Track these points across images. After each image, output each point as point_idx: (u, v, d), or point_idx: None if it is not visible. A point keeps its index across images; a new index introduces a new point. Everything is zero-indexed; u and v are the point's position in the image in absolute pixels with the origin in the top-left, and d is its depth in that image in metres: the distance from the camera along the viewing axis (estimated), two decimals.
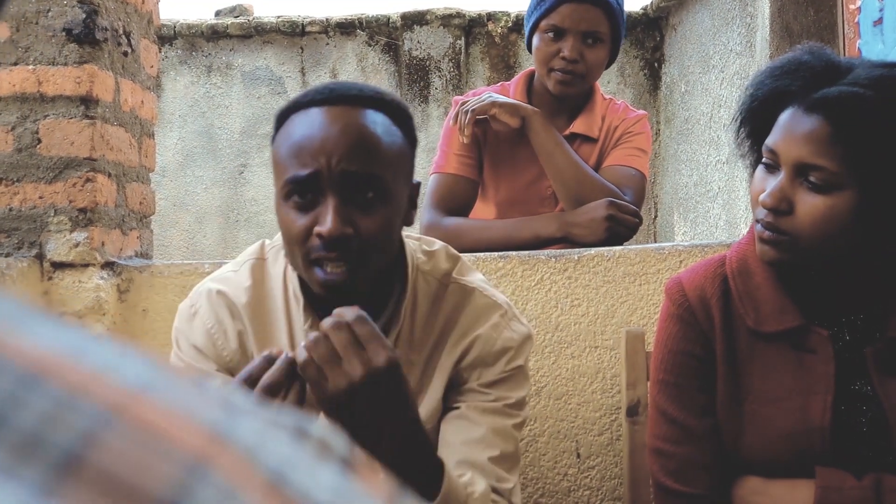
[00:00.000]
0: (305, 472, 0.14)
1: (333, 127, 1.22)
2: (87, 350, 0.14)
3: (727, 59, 4.22)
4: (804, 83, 1.30)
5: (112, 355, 0.15)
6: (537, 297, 1.92)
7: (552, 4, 2.17)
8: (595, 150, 2.29)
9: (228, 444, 0.15)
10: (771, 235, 1.32)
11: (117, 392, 0.14)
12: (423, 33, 5.28)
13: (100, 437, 0.13)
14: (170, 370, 0.15)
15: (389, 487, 0.17)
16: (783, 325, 1.37)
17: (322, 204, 1.22)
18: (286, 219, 1.24)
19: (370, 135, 1.23)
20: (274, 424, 0.16)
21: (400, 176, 1.27)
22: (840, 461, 1.34)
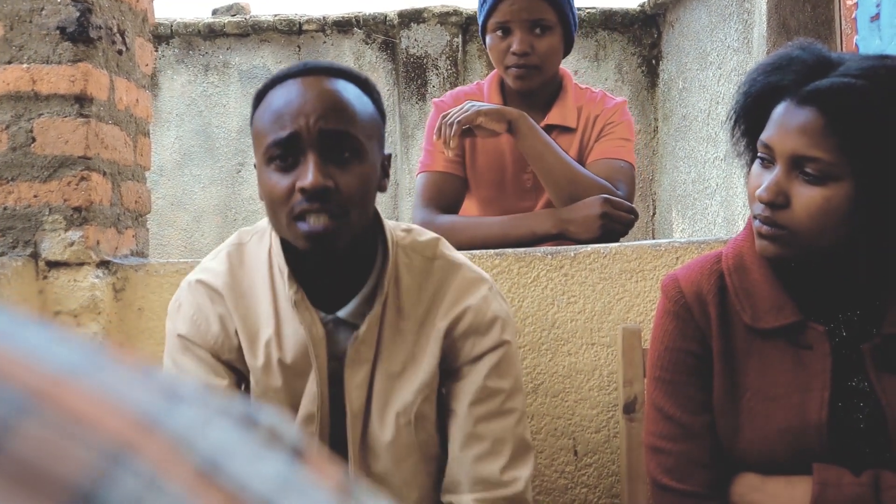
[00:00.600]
0: (245, 461, 0.14)
1: (310, 92, 1.34)
2: (15, 334, 0.14)
3: (724, 56, 4.22)
4: (796, 77, 1.30)
5: (43, 340, 0.14)
6: (533, 295, 1.92)
7: (493, 3, 2.19)
8: (575, 141, 2.28)
9: (158, 432, 0.14)
10: (769, 230, 1.31)
11: (41, 377, 0.14)
12: (421, 31, 5.28)
13: (16, 424, 0.13)
14: (107, 356, 0.15)
15: (340, 477, 0.16)
16: (780, 322, 1.37)
17: (302, 163, 1.32)
18: (269, 182, 1.35)
19: (344, 98, 1.35)
20: (219, 413, 0.15)
21: (373, 140, 1.38)
22: (838, 458, 1.33)
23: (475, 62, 5.36)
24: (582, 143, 2.29)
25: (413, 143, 5.21)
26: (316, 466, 0.15)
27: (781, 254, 1.33)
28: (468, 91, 2.35)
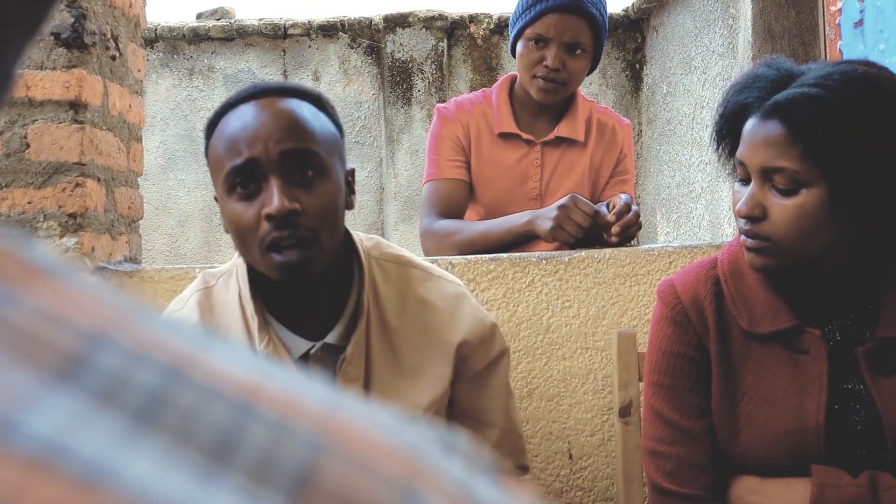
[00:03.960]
0: (485, 489, 0.15)
1: (264, 114, 1.28)
2: (272, 373, 0.15)
3: (709, 61, 4.24)
4: (760, 93, 1.35)
5: (293, 377, 0.15)
6: (528, 299, 1.93)
7: (537, 14, 2.21)
8: (585, 155, 2.31)
9: (437, 475, 0.15)
10: (753, 243, 1.35)
11: (320, 415, 0.14)
12: (406, 35, 5.28)
13: (320, 461, 0.14)
14: (342, 393, 0.16)
15: (536, 499, 0.17)
16: (776, 327, 1.39)
17: (265, 189, 1.26)
18: (233, 213, 1.29)
19: (300, 116, 1.30)
20: (427, 440, 0.16)
21: (335, 156, 1.33)
22: (835, 460, 1.35)
23: (460, 66, 5.37)
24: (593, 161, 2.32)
25: (398, 148, 5.21)
26: (515, 489, 0.16)
27: (769, 264, 1.36)
28: (473, 99, 2.36)
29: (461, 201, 2.27)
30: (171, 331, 0.14)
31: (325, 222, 1.29)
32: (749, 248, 1.37)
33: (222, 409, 0.13)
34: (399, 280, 1.44)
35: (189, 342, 0.14)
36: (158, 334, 0.14)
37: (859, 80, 1.30)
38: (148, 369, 0.13)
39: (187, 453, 0.12)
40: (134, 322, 0.14)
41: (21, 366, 0.12)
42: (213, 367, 0.14)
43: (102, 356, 0.13)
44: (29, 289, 0.13)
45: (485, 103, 2.34)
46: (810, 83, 1.31)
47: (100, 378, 0.12)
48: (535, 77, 2.22)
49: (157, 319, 0.14)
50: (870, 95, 1.29)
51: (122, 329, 0.13)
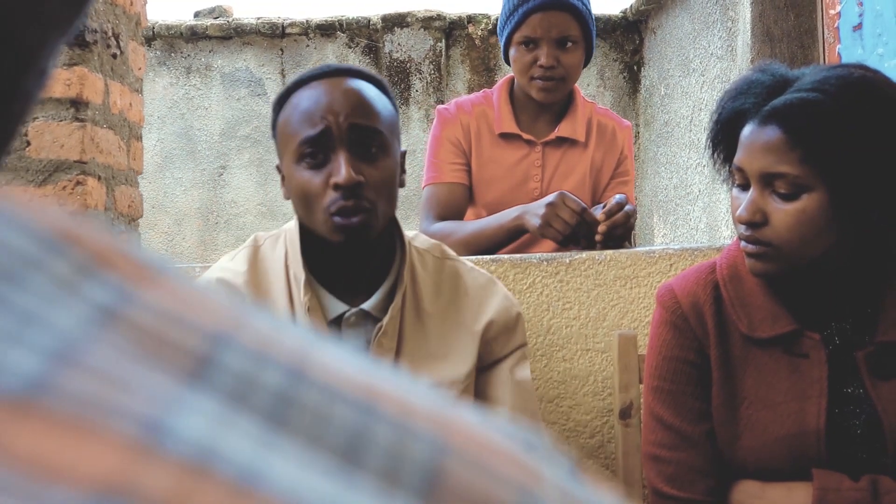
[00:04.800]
0: (581, 489, 0.15)
1: (337, 91, 1.40)
2: (384, 372, 0.15)
3: (708, 63, 4.25)
4: (757, 99, 1.35)
5: (401, 377, 0.15)
6: (529, 301, 1.93)
7: (522, 17, 2.22)
8: (587, 155, 2.32)
9: (534, 466, 0.15)
10: (754, 248, 1.35)
11: (437, 416, 0.14)
12: (404, 35, 5.29)
13: (444, 462, 0.13)
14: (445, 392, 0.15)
15: (616, 496, 0.17)
16: (776, 331, 1.39)
17: (333, 160, 1.38)
18: (302, 179, 1.40)
19: (368, 97, 1.42)
20: (525, 440, 0.16)
21: (394, 136, 1.45)
22: (835, 464, 1.36)
23: (458, 67, 5.37)
24: (594, 162, 2.33)
25: None
26: (596, 486, 0.16)
27: (770, 270, 1.36)
28: (474, 100, 2.37)
29: (460, 205, 2.28)
30: (284, 329, 0.14)
31: (384, 194, 1.41)
32: (750, 253, 1.37)
33: (346, 409, 0.13)
34: (435, 270, 1.54)
35: (303, 340, 0.14)
36: (273, 333, 0.14)
37: (856, 84, 1.31)
38: (272, 369, 0.13)
39: (321, 455, 0.12)
40: (249, 321, 0.14)
41: (154, 367, 0.12)
42: (330, 365, 0.14)
43: (228, 356, 0.13)
44: (145, 287, 0.13)
45: (485, 104, 2.35)
46: (807, 88, 1.31)
47: (229, 379, 0.12)
48: (533, 79, 2.23)
49: (270, 318, 0.14)
50: (867, 99, 1.30)
51: (241, 328, 0.13)
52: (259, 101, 5.43)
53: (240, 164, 5.43)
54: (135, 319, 0.12)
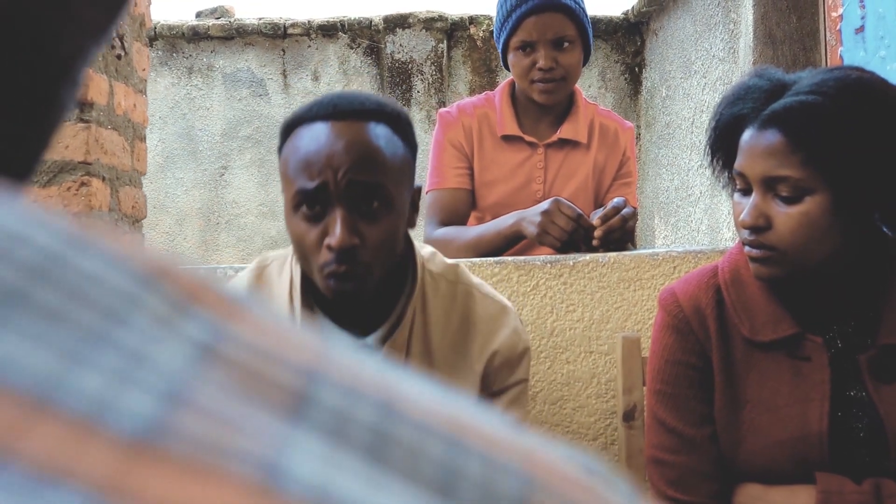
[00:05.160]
0: None
1: (339, 142, 1.29)
2: (466, 405, 0.15)
3: (709, 65, 4.25)
4: (755, 104, 1.36)
5: (483, 410, 0.15)
6: (533, 303, 1.94)
7: (516, 22, 2.23)
8: (589, 157, 2.33)
9: (609, 497, 0.15)
10: (759, 253, 1.35)
11: (522, 449, 0.14)
12: (406, 36, 5.29)
13: (533, 497, 0.14)
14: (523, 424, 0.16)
15: None
16: (778, 335, 1.40)
17: (330, 215, 1.30)
18: (297, 230, 1.33)
19: (374, 148, 1.30)
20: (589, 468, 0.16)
21: (403, 184, 1.35)
22: (838, 467, 1.36)
23: (460, 68, 5.37)
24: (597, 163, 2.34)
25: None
26: None
27: (775, 274, 1.36)
28: (476, 102, 2.37)
29: (463, 210, 2.29)
30: (366, 362, 0.14)
31: (382, 255, 1.33)
32: (754, 258, 1.37)
33: (437, 443, 0.13)
34: (448, 296, 1.47)
35: (385, 372, 0.14)
36: (357, 366, 0.14)
37: (854, 86, 1.31)
38: (364, 404, 0.13)
39: (419, 491, 0.13)
40: (334, 354, 0.14)
41: (257, 405, 0.12)
42: (416, 398, 0.14)
43: (323, 392, 0.13)
44: (235, 323, 0.13)
45: (487, 106, 2.35)
46: (806, 91, 1.31)
47: (326, 416, 0.12)
48: (533, 82, 2.24)
49: (350, 350, 0.14)
50: (865, 100, 1.30)
51: (329, 363, 0.13)
52: (260, 101, 5.43)
53: (241, 164, 5.43)
54: (231, 356, 0.12)
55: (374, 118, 1.33)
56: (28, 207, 0.13)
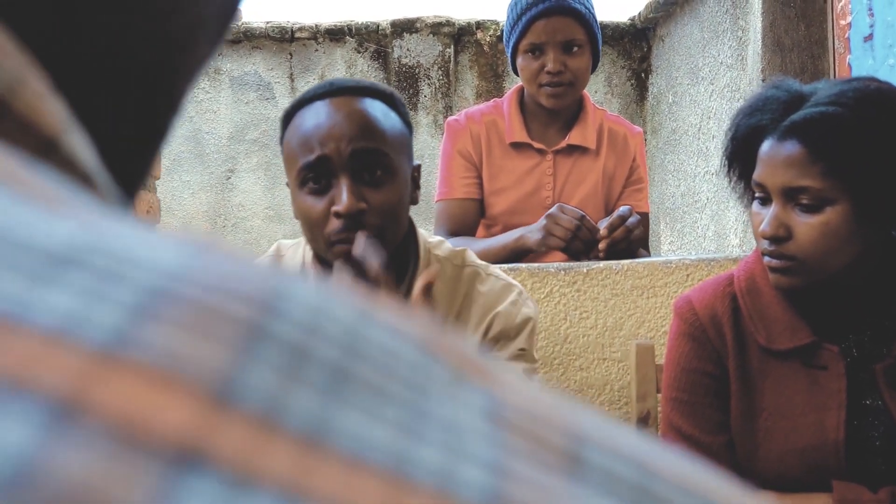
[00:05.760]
0: None
1: (338, 114, 1.34)
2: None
3: (717, 72, 4.26)
4: (774, 115, 1.37)
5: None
6: (546, 310, 1.94)
7: (526, 24, 2.23)
8: (598, 163, 2.33)
9: None
10: (779, 263, 1.36)
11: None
12: (413, 41, 5.30)
13: None
14: None
15: None
16: (795, 343, 1.40)
17: (335, 186, 1.34)
18: (304, 205, 1.36)
19: (372, 117, 1.35)
20: None
21: (402, 155, 1.39)
22: (854, 475, 1.36)
23: (467, 73, 5.38)
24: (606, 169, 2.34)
25: None
26: None
27: (795, 284, 1.37)
28: (484, 109, 2.38)
29: (471, 220, 2.29)
30: (614, 429, 0.14)
31: (390, 219, 1.36)
32: (774, 268, 1.37)
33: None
34: (453, 278, 1.50)
35: (639, 441, 0.14)
36: (616, 431, 0.14)
37: (873, 97, 1.32)
38: (627, 465, 0.13)
39: None
40: (593, 422, 0.14)
41: (544, 469, 0.12)
42: (671, 463, 0.14)
43: (593, 455, 0.13)
44: (502, 390, 0.13)
45: (495, 113, 2.36)
46: (825, 102, 1.32)
47: (601, 477, 0.13)
48: (542, 86, 2.24)
49: (607, 420, 0.14)
50: (885, 110, 1.31)
51: (596, 430, 0.14)
52: (268, 105, 5.44)
53: (248, 167, 5.44)
54: (513, 421, 0.13)
55: (369, 94, 1.39)
56: (310, 278, 0.14)
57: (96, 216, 0.13)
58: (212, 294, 0.12)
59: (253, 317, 0.12)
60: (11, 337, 0.11)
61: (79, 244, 0.12)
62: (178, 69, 0.25)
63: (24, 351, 0.11)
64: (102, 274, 0.12)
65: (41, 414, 0.10)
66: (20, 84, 0.17)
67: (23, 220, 0.12)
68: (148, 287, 0.12)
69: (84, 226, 0.13)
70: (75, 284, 0.12)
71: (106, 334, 0.11)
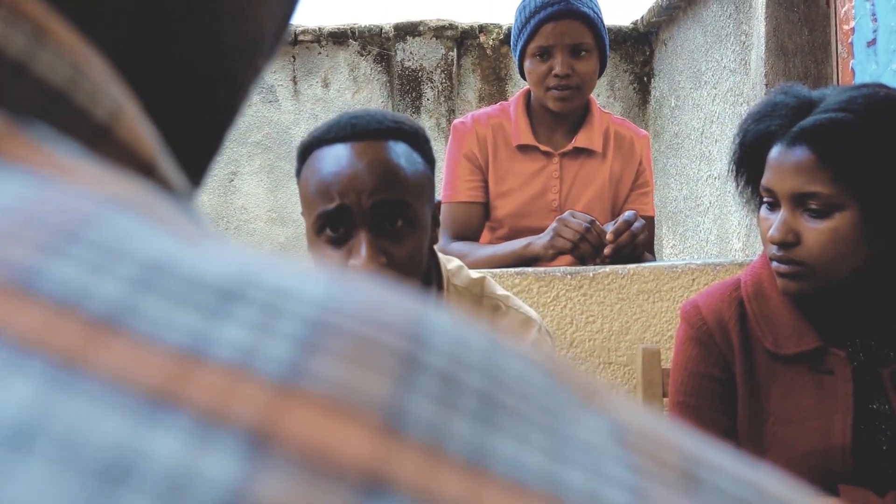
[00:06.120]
0: None
1: (360, 162, 1.27)
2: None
3: (720, 76, 4.26)
4: (782, 121, 1.38)
5: None
6: (553, 314, 1.95)
7: (534, 27, 2.24)
8: (605, 166, 2.34)
9: None
10: (787, 268, 1.37)
11: None
12: (416, 44, 5.30)
13: None
14: None
15: None
16: (801, 348, 1.41)
17: (354, 237, 1.28)
18: (320, 253, 1.31)
19: (395, 166, 1.29)
20: None
21: (424, 200, 1.33)
22: (861, 480, 1.37)
23: (469, 76, 5.39)
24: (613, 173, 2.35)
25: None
26: None
27: (803, 289, 1.37)
28: (490, 112, 2.38)
29: (476, 224, 2.30)
30: (719, 451, 0.15)
31: (409, 271, 1.30)
32: (783, 273, 1.38)
33: None
34: (471, 312, 1.44)
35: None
36: (722, 456, 0.15)
37: (883, 103, 1.33)
38: (737, 487, 0.14)
39: None
40: (701, 443, 0.15)
41: (675, 495, 0.13)
42: (772, 484, 0.15)
43: (710, 475, 0.14)
44: (615, 413, 0.14)
45: (502, 116, 2.36)
46: (835, 108, 1.33)
47: (719, 497, 0.13)
48: (549, 89, 2.25)
49: (703, 441, 0.15)
50: (894, 117, 1.32)
51: (709, 455, 0.15)
52: (270, 107, 5.45)
53: (250, 170, 5.45)
54: (637, 444, 0.13)
55: (393, 136, 1.32)
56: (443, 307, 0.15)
57: (233, 247, 0.14)
58: (364, 325, 0.13)
59: (405, 347, 0.13)
60: (199, 371, 0.12)
61: (238, 278, 0.13)
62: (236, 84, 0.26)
63: (213, 384, 0.11)
64: (265, 307, 0.12)
65: (240, 445, 0.11)
66: (121, 110, 0.18)
67: (180, 254, 0.13)
68: (308, 320, 0.12)
69: (235, 259, 0.13)
70: (244, 318, 0.12)
71: (282, 367, 0.12)
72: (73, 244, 0.13)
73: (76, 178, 0.14)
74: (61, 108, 0.17)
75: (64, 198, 0.14)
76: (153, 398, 0.11)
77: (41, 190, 0.14)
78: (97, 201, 0.14)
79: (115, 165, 0.17)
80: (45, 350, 0.11)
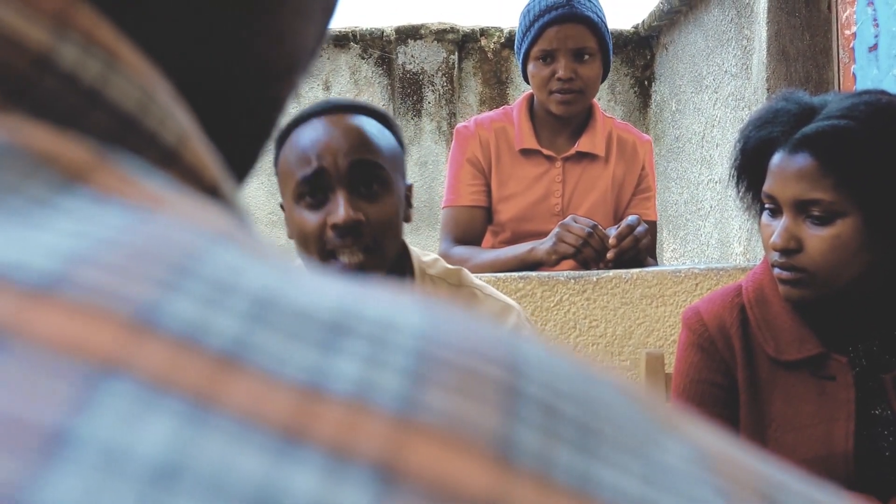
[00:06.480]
0: None
1: (335, 129, 1.35)
2: None
3: (721, 80, 4.27)
4: (784, 128, 1.38)
5: None
6: (556, 318, 1.95)
7: (538, 31, 2.24)
8: (608, 170, 2.34)
9: None
10: (789, 275, 1.37)
11: None
12: (417, 47, 5.31)
13: None
14: None
15: None
16: (803, 354, 1.41)
17: (332, 200, 1.33)
18: (300, 219, 1.36)
19: (368, 132, 1.37)
20: None
21: (397, 171, 1.40)
22: (864, 486, 1.37)
23: (470, 79, 5.39)
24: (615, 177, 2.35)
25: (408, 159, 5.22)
26: None
27: (805, 295, 1.38)
28: (493, 116, 2.39)
29: (478, 228, 2.30)
30: (782, 468, 0.15)
31: (387, 232, 1.36)
32: (784, 280, 1.38)
33: None
34: (447, 299, 1.45)
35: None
36: (786, 473, 0.15)
37: (885, 110, 1.33)
38: (760, 477, 0.15)
39: None
40: (766, 461, 0.15)
41: None
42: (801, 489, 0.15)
43: (787, 498, 0.14)
44: (692, 437, 0.14)
45: (505, 120, 2.37)
46: (837, 115, 1.33)
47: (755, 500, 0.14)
48: (552, 92, 2.25)
49: (764, 458, 0.16)
50: None
51: (774, 470, 0.15)
52: None
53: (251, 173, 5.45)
54: (720, 469, 0.14)
55: (364, 113, 1.41)
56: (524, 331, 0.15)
57: (321, 275, 0.15)
58: (464, 356, 0.13)
59: (506, 378, 0.13)
60: (322, 406, 0.12)
61: (342, 310, 0.13)
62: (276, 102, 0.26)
63: (336, 419, 0.12)
64: (372, 340, 0.13)
65: (370, 479, 0.11)
66: (187, 134, 0.18)
67: (284, 287, 0.13)
68: (413, 351, 0.13)
69: (333, 290, 0.14)
70: (355, 352, 0.13)
71: (398, 401, 0.12)
72: (187, 279, 0.13)
73: (170, 209, 0.15)
74: (133, 133, 0.17)
75: (167, 231, 0.14)
76: (284, 434, 0.11)
77: (142, 223, 0.14)
78: (199, 234, 0.14)
79: (185, 188, 0.17)
80: (177, 388, 0.12)
